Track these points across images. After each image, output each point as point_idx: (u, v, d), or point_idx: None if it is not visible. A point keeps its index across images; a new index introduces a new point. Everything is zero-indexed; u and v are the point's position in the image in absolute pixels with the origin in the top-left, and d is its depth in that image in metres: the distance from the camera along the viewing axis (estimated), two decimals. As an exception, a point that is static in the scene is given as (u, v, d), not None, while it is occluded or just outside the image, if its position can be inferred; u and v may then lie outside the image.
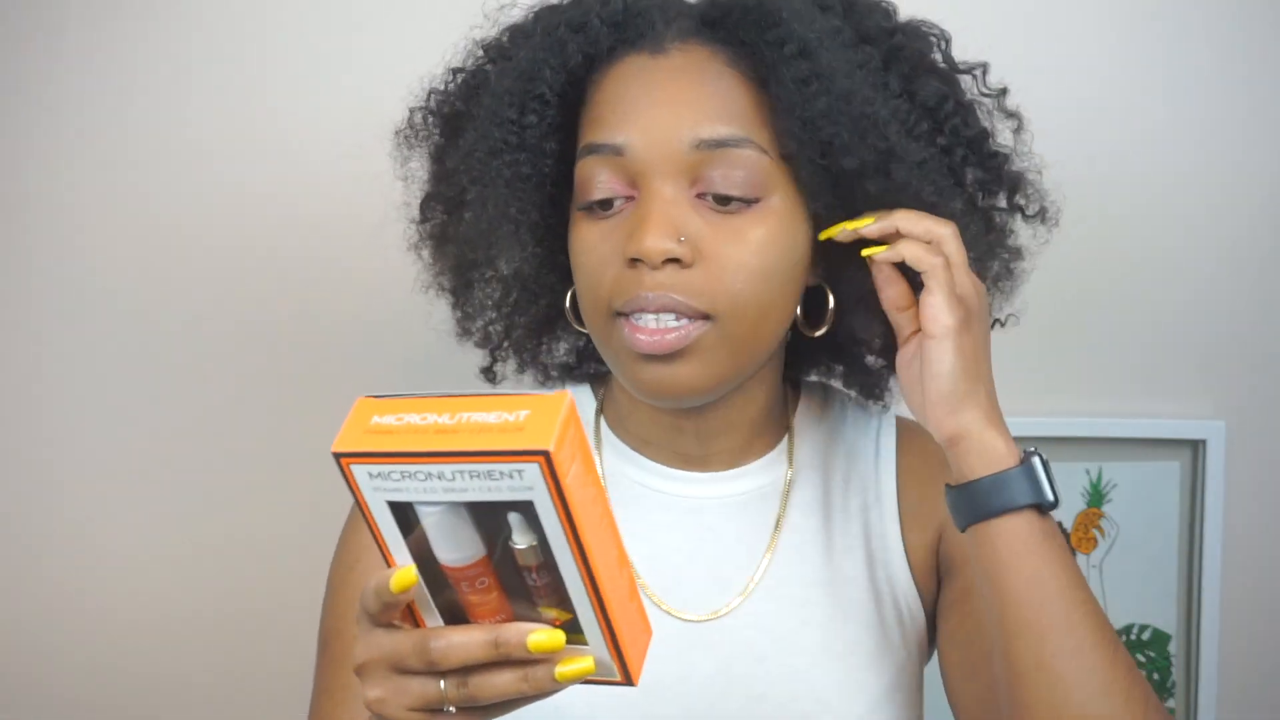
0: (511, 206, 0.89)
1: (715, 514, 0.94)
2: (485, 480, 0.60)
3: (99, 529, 1.34)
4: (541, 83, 0.87)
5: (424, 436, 0.60)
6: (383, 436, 0.61)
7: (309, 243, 1.30)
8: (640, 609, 0.69)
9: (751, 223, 0.84)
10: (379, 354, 1.32)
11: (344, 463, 0.61)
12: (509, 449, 0.58)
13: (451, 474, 0.60)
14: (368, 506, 0.63)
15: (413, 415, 0.61)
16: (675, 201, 0.84)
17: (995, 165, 0.92)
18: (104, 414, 1.33)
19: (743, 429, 0.95)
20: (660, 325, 0.83)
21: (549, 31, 0.87)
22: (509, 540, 0.63)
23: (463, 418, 0.60)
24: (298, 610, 1.34)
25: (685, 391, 0.86)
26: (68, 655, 1.34)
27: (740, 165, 0.84)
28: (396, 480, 0.61)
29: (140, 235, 1.30)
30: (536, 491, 0.60)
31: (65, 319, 1.31)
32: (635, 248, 0.82)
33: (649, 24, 0.87)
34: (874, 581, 0.95)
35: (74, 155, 1.29)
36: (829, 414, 1.01)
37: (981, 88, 0.92)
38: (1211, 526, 1.36)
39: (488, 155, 0.88)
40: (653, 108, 0.84)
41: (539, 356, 1.01)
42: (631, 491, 0.95)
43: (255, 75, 1.29)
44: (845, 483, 0.98)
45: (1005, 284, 0.95)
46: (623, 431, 0.97)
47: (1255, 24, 1.34)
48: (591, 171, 0.86)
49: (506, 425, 0.59)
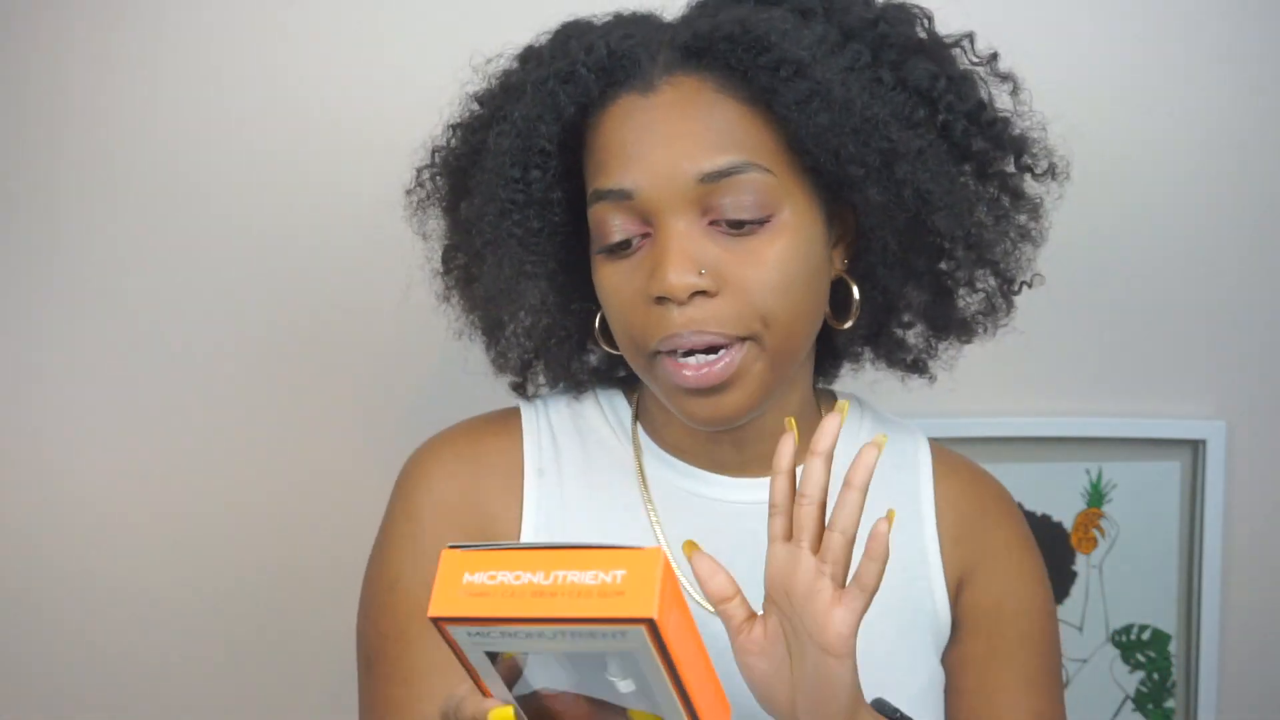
0: (527, 263, 0.91)
1: (756, 519, 0.95)
2: (587, 639, 0.61)
3: (101, 530, 1.33)
4: (539, 138, 0.88)
5: (522, 601, 0.61)
6: (479, 600, 0.62)
7: (318, 243, 1.30)
8: (719, 690, 0.70)
9: (767, 241, 0.85)
10: (390, 352, 1.31)
11: (442, 626, 0.63)
12: (613, 616, 0.60)
13: (553, 634, 0.61)
14: (465, 656, 0.65)
15: (505, 574, 0.62)
16: (689, 235, 0.85)
17: (997, 132, 0.92)
18: (104, 414, 1.32)
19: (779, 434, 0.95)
20: (703, 360, 0.85)
21: (539, 85, 0.88)
22: (605, 673, 0.64)
23: (558, 577, 0.61)
24: (304, 608, 1.34)
25: (736, 417, 0.88)
26: (68, 654, 1.34)
27: (747, 189, 0.85)
28: (495, 638, 0.63)
29: (141, 235, 1.30)
30: (638, 648, 0.61)
31: (73, 321, 1.31)
32: (659, 287, 0.84)
33: (635, 63, 0.87)
34: (911, 590, 0.96)
35: (75, 159, 1.28)
36: (864, 425, 1.02)
37: (971, 57, 0.93)
38: (1211, 526, 1.36)
39: (498, 217, 0.90)
40: (653, 148, 0.85)
41: (570, 371, 1.01)
42: (675, 496, 0.96)
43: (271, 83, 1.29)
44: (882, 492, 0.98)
45: (1026, 246, 0.96)
46: (659, 438, 0.98)
47: (1257, 25, 1.34)
48: (604, 216, 0.87)
49: (606, 588, 0.61)
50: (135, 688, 1.35)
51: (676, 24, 0.92)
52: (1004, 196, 0.94)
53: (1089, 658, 1.39)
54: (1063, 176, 0.95)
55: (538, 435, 0.97)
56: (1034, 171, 0.94)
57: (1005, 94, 0.94)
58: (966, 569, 0.98)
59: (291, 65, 1.28)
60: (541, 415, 0.99)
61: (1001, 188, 0.94)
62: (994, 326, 0.99)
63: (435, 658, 0.89)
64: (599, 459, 0.97)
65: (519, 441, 0.97)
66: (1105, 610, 1.39)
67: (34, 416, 1.31)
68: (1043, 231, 0.96)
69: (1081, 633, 1.39)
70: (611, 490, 0.96)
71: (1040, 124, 0.94)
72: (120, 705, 1.34)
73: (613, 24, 0.93)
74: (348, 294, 1.31)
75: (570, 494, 0.95)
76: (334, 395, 1.33)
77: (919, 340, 1.01)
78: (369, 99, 1.27)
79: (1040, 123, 0.94)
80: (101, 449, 1.32)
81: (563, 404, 1.00)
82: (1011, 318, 0.99)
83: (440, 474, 0.95)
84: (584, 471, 0.96)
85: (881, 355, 1.03)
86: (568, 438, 0.98)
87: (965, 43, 0.93)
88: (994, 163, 0.93)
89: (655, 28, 0.91)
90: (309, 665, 1.35)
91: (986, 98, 0.93)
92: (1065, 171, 0.95)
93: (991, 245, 0.94)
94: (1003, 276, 0.97)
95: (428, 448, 0.98)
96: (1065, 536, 1.38)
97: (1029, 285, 0.99)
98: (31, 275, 1.30)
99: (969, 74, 0.92)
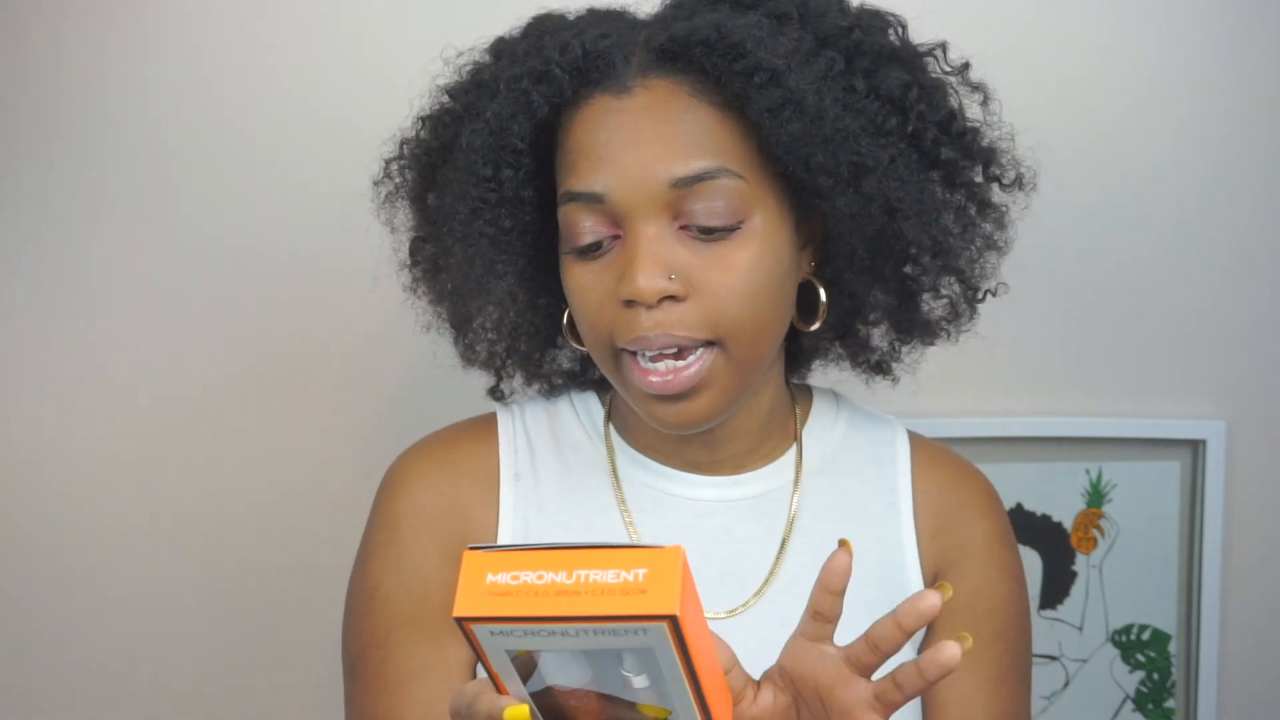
0: (498, 262, 0.91)
1: (728, 516, 0.96)
2: (609, 636, 0.63)
3: (101, 531, 1.34)
4: (512, 136, 0.88)
5: (545, 600, 0.63)
6: (503, 599, 0.63)
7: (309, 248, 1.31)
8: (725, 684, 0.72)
9: (737, 247, 0.86)
10: (377, 349, 1.32)
11: (466, 625, 0.64)
12: (636, 614, 0.62)
13: (575, 631, 0.63)
14: (486, 655, 0.66)
15: (528, 573, 0.64)
16: (660, 239, 0.85)
17: (967, 143, 0.93)
18: (106, 414, 1.33)
19: (751, 434, 0.97)
20: (669, 367, 0.86)
21: (512, 84, 0.88)
22: (621, 668, 0.66)
23: (580, 576, 0.63)
24: (299, 609, 1.35)
25: (702, 423, 0.89)
26: (58, 656, 1.35)
27: (719, 195, 0.85)
28: (519, 637, 0.64)
29: (119, 233, 1.30)
30: (658, 644, 0.63)
31: (74, 321, 1.31)
32: (628, 290, 0.84)
33: (609, 64, 0.87)
34: (887, 583, 0.96)
35: (73, 159, 1.29)
36: (840, 419, 1.02)
37: (943, 65, 0.94)
38: (1211, 526, 1.36)
39: (469, 215, 0.90)
40: (625, 151, 0.85)
41: (542, 369, 1.02)
42: (648, 496, 0.97)
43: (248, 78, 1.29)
44: (860, 485, 0.99)
45: (991, 254, 0.97)
46: (632, 437, 0.99)
47: (1257, 26, 1.34)
48: (575, 218, 0.87)
49: (628, 586, 0.62)
50: (124, 690, 1.35)
51: (651, 24, 0.91)
52: (971, 205, 0.94)
53: (1089, 658, 1.39)
54: (1029, 187, 0.96)
55: (513, 440, 0.99)
56: (1001, 182, 0.95)
57: (975, 104, 0.94)
58: (943, 563, 0.98)
59: (270, 60, 1.29)
60: (517, 420, 1.00)
61: (969, 196, 0.94)
62: (957, 331, 1.00)
63: (416, 664, 0.91)
64: (573, 461, 0.98)
65: (495, 448, 0.98)
66: (1105, 610, 1.39)
67: (20, 420, 1.32)
68: (1008, 240, 0.97)
69: (1081, 633, 1.39)
70: (586, 492, 0.97)
71: (1009, 134, 0.95)
72: (112, 708, 1.35)
73: (587, 21, 0.92)
74: (330, 292, 1.31)
75: (546, 497, 0.96)
76: (321, 393, 1.34)
77: (882, 342, 1.02)
78: (347, 93, 1.28)
79: (1009, 133, 0.95)
80: (103, 450, 1.33)
81: (539, 408, 1.01)
82: (975, 323, 1.00)
83: (418, 483, 0.96)
84: (559, 474, 0.97)
85: (845, 355, 1.04)
86: (543, 441, 0.99)
87: (938, 51, 0.94)
88: (962, 172, 0.94)
89: (629, 26, 0.91)
90: (298, 668, 1.35)
91: (958, 107, 0.93)
92: (1032, 182, 0.96)
93: (957, 253, 0.94)
94: (967, 284, 0.97)
95: (406, 457, 0.99)
96: (1065, 536, 1.38)
97: (993, 294, 0.99)
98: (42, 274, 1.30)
99: (941, 83, 0.93)
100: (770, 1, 0.89)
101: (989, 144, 0.94)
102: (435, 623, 0.92)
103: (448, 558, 0.93)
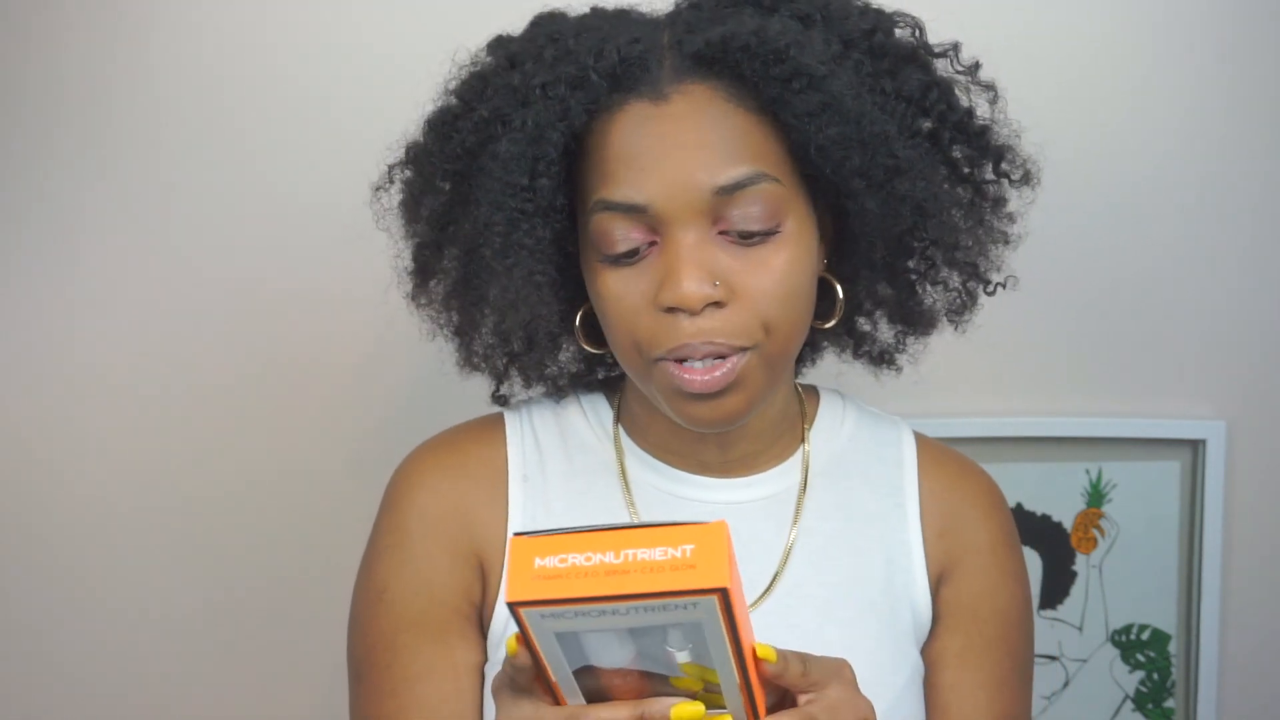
0: (536, 273, 0.89)
1: (736, 518, 0.95)
2: (658, 612, 0.64)
3: (104, 535, 1.33)
4: (549, 145, 0.86)
5: (596, 580, 0.64)
6: (554, 582, 0.64)
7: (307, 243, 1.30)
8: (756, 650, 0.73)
9: (774, 250, 0.86)
10: (384, 352, 1.32)
11: (517, 610, 0.65)
12: (687, 589, 0.63)
13: (625, 609, 0.64)
14: (534, 639, 0.67)
15: (576, 556, 0.64)
16: (701, 245, 0.85)
17: (982, 141, 0.94)
18: (109, 418, 1.32)
19: (764, 434, 0.97)
20: (708, 365, 0.86)
21: (548, 89, 0.86)
22: (665, 644, 0.67)
23: (628, 555, 0.64)
24: (303, 612, 1.34)
25: (734, 420, 0.89)
26: (68, 655, 1.34)
27: (758, 200, 0.85)
28: (569, 619, 0.65)
29: (125, 234, 1.30)
30: (707, 617, 0.64)
31: (77, 325, 1.31)
32: (672, 298, 0.84)
33: (644, 69, 0.86)
34: (892, 584, 0.96)
35: (74, 160, 1.29)
36: (847, 419, 1.02)
37: (956, 65, 0.94)
38: (1211, 526, 1.36)
39: (508, 226, 0.88)
40: (666, 160, 0.84)
41: (545, 372, 1.01)
42: (657, 498, 0.96)
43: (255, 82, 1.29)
44: (866, 486, 0.99)
45: (997, 248, 0.98)
46: (642, 439, 0.98)
47: (1257, 26, 1.34)
48: (609, 225, 0.86)
49: (677, 563, 0.63)
50: (124, 692, 1.35)
51: (673, 25, 0.89)
52: (982, 202, 0.95)
53: (1089, 658, 1.39)
54: (1035, 183, 0.96)
55: (521, 441, 0.98)
56: (1010, 178, 0.96)
57: (985, 102, 0.95)
58: (948, 564, 0.98)
59: (275, 62, 1.28)
60: (525, 421, 0.99)
61: (977, 192, 0.95)
62: (961, 324, 1.01)
63: (422, 666, 0.91)
64: (582, 462, 0.97)
65: (503, 448, 0.97)
66: (1105, 610, 1.39)
67: (21, 422, 1.31)
68: (1018, 234, 0.98)
69: (1081, 633, 1.39)
70: (594, 493, 0.96)
71: (1016, 131, 0.95)
72: (113, 709, 1.35)
73: (598, 22, 0.91)
74: (334, 296, 1.31)
75: (554, 498, 0.96)
76: (325, 395, 1.33)
77: (885, 334, 1.03)
78: (353, 97, 1.27)
79: (1016, 130, 0.95)
80: (104, 451, 1.33)
81: (546, 409, 1.01)
82: (976, 314, 1.01)
83: (426, 484, 0.96)
84: (567, 475, 0.97)
85: (849, 347, 1.04)
86: (551, 442, 0.98)
87: (951, 52, 0.94)
88: (975, 169, 0.94)
89: (651, 27, 0.90)
90: (302, 671, 1.35)
91: (971, 105, 0.94)
92: (1038, 178, 0.96)
93: (967, 249, 0.95)
94: (980, 277, 0.98)
95: (413, 458, 0.98)
96: (1065, 536, 1.38)
97: (1004, 286, 1.00)
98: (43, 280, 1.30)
99: (955, 82, 0.94)
100: (792, 3, 0.89)
101: (1001, 142, 0.95)
102: (442, 625, 0.92)
103: (455, 560, 0.93)
